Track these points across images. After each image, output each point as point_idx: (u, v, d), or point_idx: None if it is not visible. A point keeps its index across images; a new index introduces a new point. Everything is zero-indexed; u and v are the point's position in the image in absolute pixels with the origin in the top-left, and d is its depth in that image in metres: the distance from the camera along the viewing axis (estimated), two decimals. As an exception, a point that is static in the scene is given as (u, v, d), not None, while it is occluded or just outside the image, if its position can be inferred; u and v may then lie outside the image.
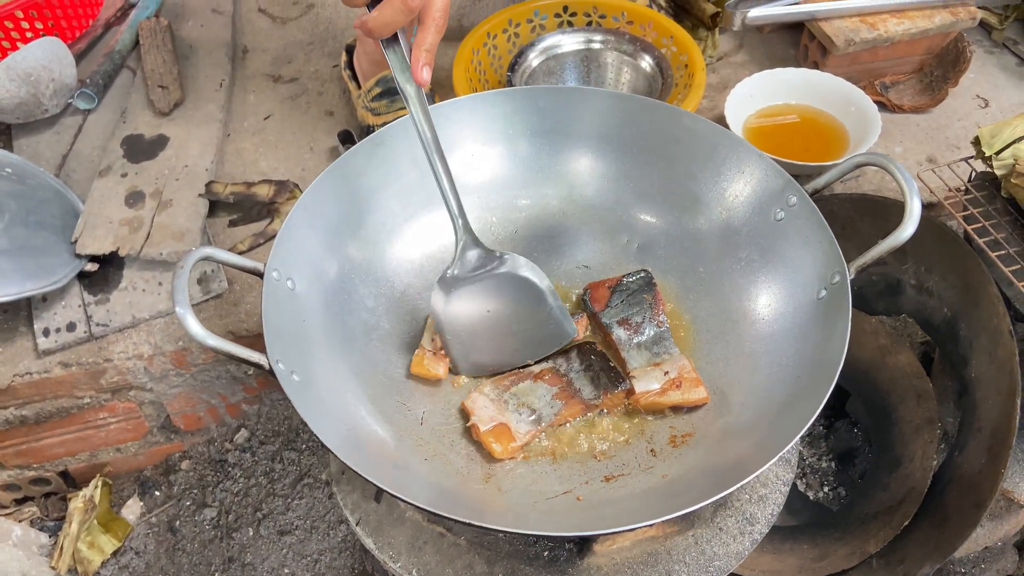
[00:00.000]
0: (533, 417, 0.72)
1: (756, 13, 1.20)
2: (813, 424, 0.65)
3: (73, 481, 1.16)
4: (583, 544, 0.70)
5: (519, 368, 0.76)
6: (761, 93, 1.18)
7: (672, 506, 0.60)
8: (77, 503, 1.08)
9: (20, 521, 1.11)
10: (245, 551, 1.08)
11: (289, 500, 1.11)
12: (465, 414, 0.73)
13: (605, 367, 0.74)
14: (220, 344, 0.64)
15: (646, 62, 1.16)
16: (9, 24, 1.22)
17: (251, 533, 1.09)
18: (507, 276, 0.75)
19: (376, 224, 0.82)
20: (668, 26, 1.19)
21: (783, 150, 1.07)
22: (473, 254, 0.75)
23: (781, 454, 0.60)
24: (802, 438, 0.64)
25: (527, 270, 0.75)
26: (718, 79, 1.29)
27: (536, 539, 0.72)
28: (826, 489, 1.06)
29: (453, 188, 0.73)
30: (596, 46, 1.19)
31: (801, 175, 0.77)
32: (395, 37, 0.71)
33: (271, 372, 0.64)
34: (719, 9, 1.29)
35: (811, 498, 1.06)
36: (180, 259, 0.67)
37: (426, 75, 0.70)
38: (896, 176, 0.69)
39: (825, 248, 0.71)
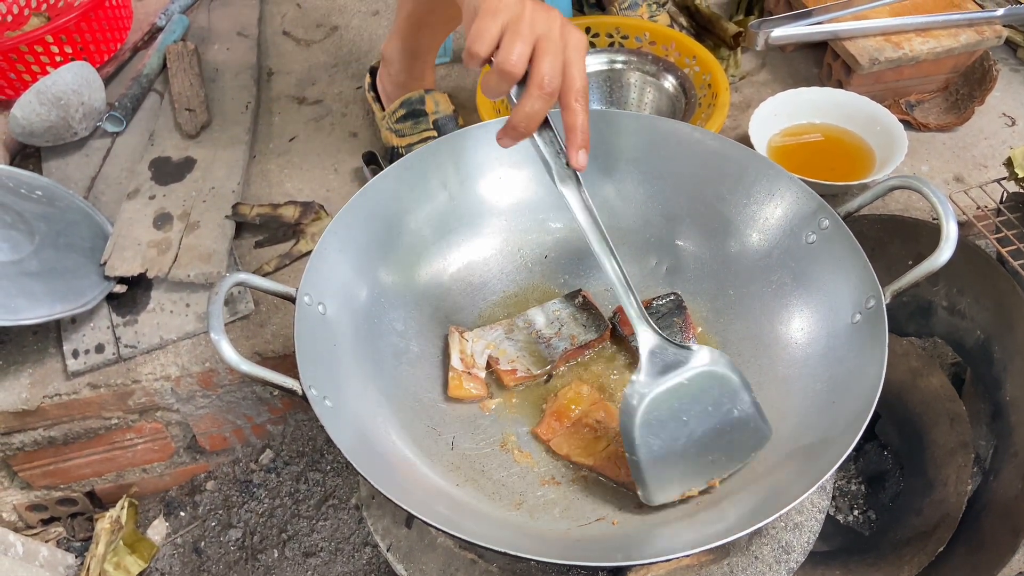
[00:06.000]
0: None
1: (779, 33, 1.20)
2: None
3: (99, 502, 1.16)
4: (617, 570, 0.70)
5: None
6: (785, 112, 1.18)
7: (708, 535, 0.60)
8: (104, 524, 1.08)
9: (47, 541, 1.11)
10: (270, 572, 1.07)
11: (314, 521, 1.11)
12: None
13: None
14: (254, 370, 0.64)
15: (669, 82, 1.16)
16: (39, 48, 1.24)
17: (276, 554, 1.09)
18: (701, 374, 0.66)
19: (405, 248, 0.82)
20: (691, 46, 1.19)
21: (808, 169, 1.06)
22: (659, 354, 0.67)
23: (819, 484, 0.60)
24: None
25: (723, 365, 0.67)
26: (741, 98, 1.29)
27: (569, 567, 0.71)
28: (856, 512, 1.05)
29: (628, 284, 0.67)
30: (619, 66, 1.19)
31: (827, 194, 0.77)
32: (545, 123, 0.66)
33: (304, 398, 0.64)
34: (741, 29, 1.29)
35: (841, 522, 1.04)
36: (215, 284, 0.67)
37: (582, 159, 0.64)
38: (932, 200, 0.68)
39: (859, 272, 0.71)
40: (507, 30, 0.62)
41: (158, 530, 1.13)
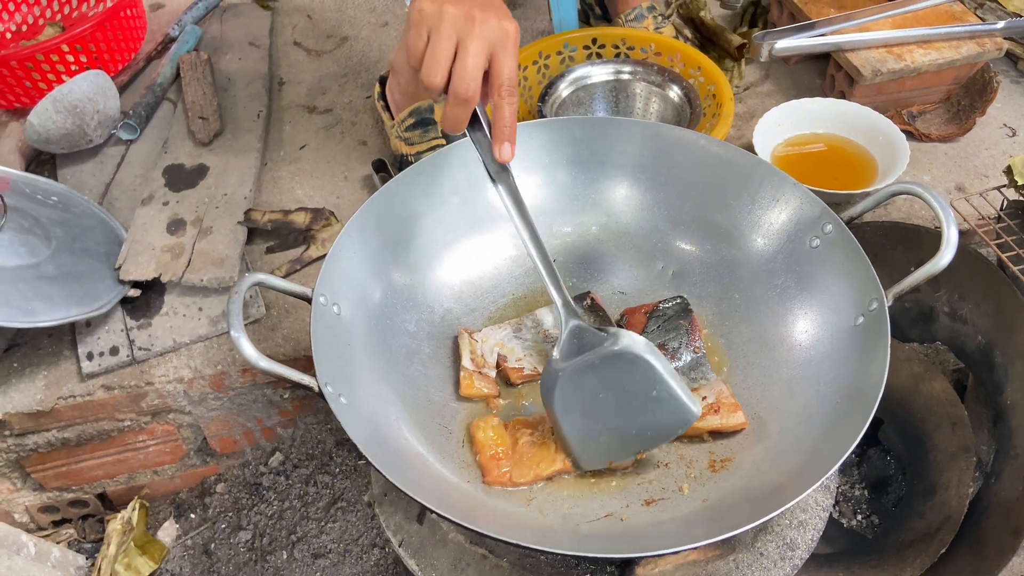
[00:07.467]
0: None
1: (783, 44, 1.22)
2: (848, 451, 0.66)
3: (110, 503, 1.17)
4: (625, 567, 0.71)
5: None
6: (789, 122, 1.20)
7: (713, 530, 0.61)
8: (115, 525, 1.10)
9: (58, 543, 1.12)
10: (279, 574, 1.08)
11: (323, 523, 1.12)
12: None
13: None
14: (272, 367, 0.65)
15: (674, 92, 1.18)
16: (55, 57, 1.26)
17: (285, 556, 1.10)
18: (619, 355, 0.70)
19: (418, 250, 0.84)
20: (695, 57, 1.21)
21: (811, 179, 1.07)
22: (578, 334, 0.73)
23: (822, 481, 0.61)
24: (836, 465, 0.64)
25: (642, 348, 0.69)
26: (744, 109, 1.31)
27: (578, 561, 0.73)
28: (859, 517, 1.06)
29: (551, 268, 0.74)
30: (625, 77, 1.21)
31: (830, 203, 0.79)
32: (476, 122, 0.71)
33: (320, 395, 0.66)
34: (745, 40, 1.31)
35: (845, 525, 1.05)
36: (235, 284, 0.69)
37: (506, 152, 0.69)
38: (932, 205, 0.70)
39: (862, 275, 0.72)
40: (431, 38, 0.65)
41: (168, 532, 1.14)
